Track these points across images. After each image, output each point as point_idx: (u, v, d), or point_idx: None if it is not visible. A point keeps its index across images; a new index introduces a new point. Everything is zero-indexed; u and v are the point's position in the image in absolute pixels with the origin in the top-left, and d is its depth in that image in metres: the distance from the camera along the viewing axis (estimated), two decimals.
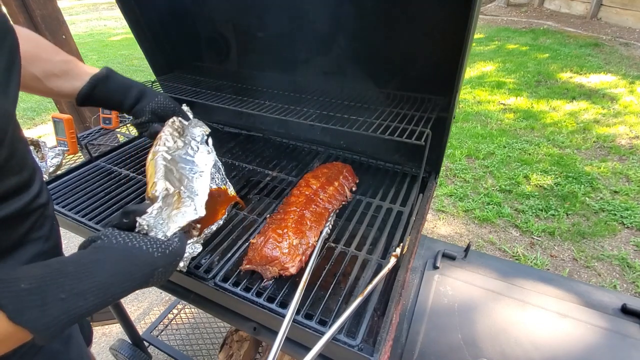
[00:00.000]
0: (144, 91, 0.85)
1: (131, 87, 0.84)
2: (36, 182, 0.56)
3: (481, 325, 0.91)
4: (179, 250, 0.57)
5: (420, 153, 0.88)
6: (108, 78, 0.80)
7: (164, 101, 0.86)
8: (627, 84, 4.32)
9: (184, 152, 0.79)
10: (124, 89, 0.83)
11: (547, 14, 7.77)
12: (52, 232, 0.61)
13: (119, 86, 0.82)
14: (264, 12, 1.10)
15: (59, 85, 0.75)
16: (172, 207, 0.66)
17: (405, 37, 0.96)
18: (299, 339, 0.69)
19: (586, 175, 2.84)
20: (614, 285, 2.02)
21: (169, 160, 0.73)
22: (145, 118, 0.85)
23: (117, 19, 10.29)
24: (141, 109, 0.84)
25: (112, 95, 0.82)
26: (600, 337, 0.86)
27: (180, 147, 0.80)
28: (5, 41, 0.46)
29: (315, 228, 0.82)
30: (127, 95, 0.83)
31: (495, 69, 5.17)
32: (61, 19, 2.06)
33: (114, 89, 0.81)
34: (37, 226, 0.57)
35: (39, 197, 0.56)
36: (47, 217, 0.59)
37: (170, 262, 0.55)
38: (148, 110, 0.84)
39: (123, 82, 0.83)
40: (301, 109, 1.01)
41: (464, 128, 3.69)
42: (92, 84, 0.77)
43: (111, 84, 0.81)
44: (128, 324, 1.47)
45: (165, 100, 0.86)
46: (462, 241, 2.38)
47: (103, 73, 0.79)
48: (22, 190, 0.53)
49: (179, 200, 0.68)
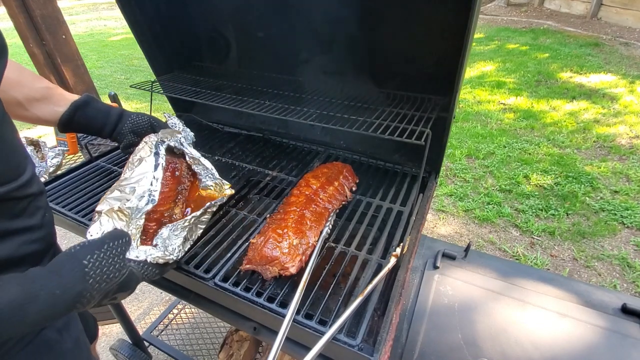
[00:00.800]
0: (122, 114, 0.89)
1: (110, 112, 0.88)
2: (27, 172, 0.57)
3: (481, 325, 0.91)
4: (104, 237, 0.54)
5: (420, 153, 0.88)
6: (88, 104, 0.84)
7: (137, 119, 0.90)
8: (627, 83, 4.32)
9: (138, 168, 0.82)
10: (104, 114, 0.87)
11: (547, 13, 7.77)
12: (44, 221, 0.62)
13: (98, 111, 0.86)
14: (264, 12, 1.10)
15: (41, 110, 0.78)
16: (119, 220, 0.70)
17: (405, 37, 0.96)
18: (299, 339, 0.69)
19: (586, 175, 2.84)
20: (614, 285, 2.02)
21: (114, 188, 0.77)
22: (126, 140, 0.89)
23: (117, 19, 10.28)
24: (120, 131, 0.88)
25: (93, 121, 0.85)
26: (600, 337, 0.86)
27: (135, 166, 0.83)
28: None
29: (315, 228, 0.82)
30: (107, 121, 0.87)
31: (495, 68, 5.17)
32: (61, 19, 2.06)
33: (94, 115, 0.85)
34: (27, 214, 0.57)
35: (29, 187, 0.57)
36: (38, 208, 0.60)
37: (96, 248, 0.51)
38: (127, 130, 0.89)
39: (102, 108, 0.87)
40: (301, 109, 1.01)
41: (464, 128, 3.69)
42: (72, 109, 0.81)
43: (91, 109, 0.85)
44: (128, 324, 1.47)
45: (138, 117, 0.91)
46: (462, 241, 2.38)
47: (83, 99, 0.83)
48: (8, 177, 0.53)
49: (121, 213, 0.72)
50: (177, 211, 0.84)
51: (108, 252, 0.52)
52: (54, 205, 0.96)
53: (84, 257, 0.49)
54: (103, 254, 0.51)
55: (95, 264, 0.49)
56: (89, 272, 0.49)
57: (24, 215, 0.57)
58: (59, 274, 0.46)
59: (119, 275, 0.53)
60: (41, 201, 0.61)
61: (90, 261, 0.49)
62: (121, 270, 0.53)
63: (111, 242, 0.53)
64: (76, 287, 0.47)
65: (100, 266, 0.50)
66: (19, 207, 0.56)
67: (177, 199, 0.86)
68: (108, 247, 0.52)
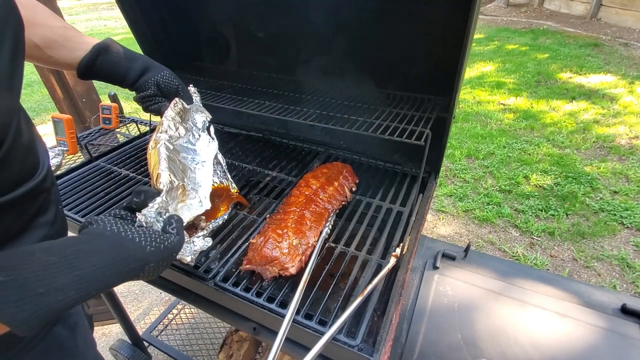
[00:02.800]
0: (149, 64, 0.82)
1: (136, 59, 0.80)
2: (44, 166, 0.56)
3: (481, 325, 0.91)
4: (175, 246, 0.55)
5: (420, 153, 0.88)
6: (111, 48, 0.76)
7: (169, 76, 0.83)
8: (627, 84, 4.32)
9: (186, 139, 0.79)
10: (128, 60, 0.79)
11: (546, 14, 7.78)
12: (57, 217, 0.60)
13: (122, 57, 0.78)
14: (264, 12, 1.10)
15: (59, 53, 0.71)
16: (177, 201, 0.66)
17: (405, 37, 0.96)
18: (299, 339, 0.69)
19: (586, 176, 2.84)
20: (613, 285, 2.02)
21: (172, 150, 0.73)
22: (149, 91, 0.81)
23: (117, 19, 10.28)
24: (145, 81, 0.81)
25: (115, 67, 0.77)
26: (600, 337, 0.86)
27: (182, 135, 0.80)
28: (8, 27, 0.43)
29: (315, 228, 0.82)
30: (131, 67, 0.79)
31: (495, 69, 5.17)
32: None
33: (117, 60, 0.77)
34: (43, 210, 0.56)
35: (45, 182, 0.56)
36: (51, 202, 0.59)
37: (163, 257, 0.52)
38: (152, 83, 0.81)
39: (127, 53, 0.79)
40: (301, 109, 1.01)
41: (464, 128, 3.69)
42: (94, 53, 0.73)
43: (114, 54, 0.77)
44: (128, 324, 1.47)
45: (171, 76, 0.84)
46: (462, 241, 2.38)
47: (106, 42, 0.76)
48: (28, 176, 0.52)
49: (183, 193, 0.67)
50: None
51: (167, 262, 0.54)
52: None
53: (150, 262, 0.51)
54: (163, 264, 0.53)
55: (151, 271, 0.52)
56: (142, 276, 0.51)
57: (40, 211, 0.56)
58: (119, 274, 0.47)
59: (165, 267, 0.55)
60: (54, 194, 0.60)
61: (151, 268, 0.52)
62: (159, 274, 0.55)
63: (175, 255, 0.56)
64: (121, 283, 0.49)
65: (153, 273, 0.52)
66: (37, 203, 0.55)
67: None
68: (172, 258, 0.55)
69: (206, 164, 0.76)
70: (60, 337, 0.64)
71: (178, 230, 0.57)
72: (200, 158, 0.77)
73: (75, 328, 0.68)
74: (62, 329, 0.65)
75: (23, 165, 0.50)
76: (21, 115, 0.49)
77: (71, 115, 1.46)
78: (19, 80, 0.46)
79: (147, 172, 1.10)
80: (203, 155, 0.78)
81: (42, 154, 0.57)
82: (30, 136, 0.52)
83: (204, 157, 0.78)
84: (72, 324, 0.68)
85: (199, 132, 0.82)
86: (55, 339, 0.63)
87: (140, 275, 0.50)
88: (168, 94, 0.84)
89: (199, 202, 0.68)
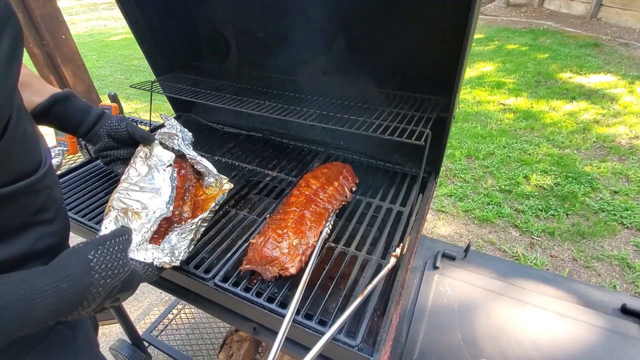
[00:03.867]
0: (101, 115, 0.85)
1: (90, 112, 0.83)
2: (46, 163, 0.57)
3: (481, 325, 0.91)
4: (106, 235, 0.55)
5: (420, 153, 0.88)
6: (68, 99, 0.80)
7: (115, 122, 0.86)
8: (627, 84, 4.32)
9: (148, 177, 0.82)
10: (83, 113, 0.82)
11: (546, 14, 7.77)
12: (58, 216, 0.61)
13: (77, 109, 0.82)
14: (264, 12, 1.10)
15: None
16: (129, 221, 0.71)
17: (405, 37, 0.96)
18: (299, 339, 0.69)
19: (586, 176, 2.84)
20: (613, 285, 2.02)
21: (126, 193, 0.77)
22: (102, 143, 0.85)
23: (117, 19, 10.28)
24: (96, 132, 0.84)
25: (70, 117, 0.81)
26: (600, 337, 0.86)
27: (143, 174, 0.83)
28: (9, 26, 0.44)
29: (315, 228, 0.82)
30: (85, 120, 0.83)
31: (495, 69, 5.17)
32: (61, 19, 2.06)
33: (73, 111, 0.81)
34: (44, 208, 0.57)
35: (46, 178, 0.56)
36: (52, 200, 0.59)
37: (99, 244, 0.52)
38: (103, 134, 0.85)
39: (82, 106, 0.83)
40: (301, 109, 1.01)
41: (464, 128, 3.69)
42: (51, 102, 0.76)
43: (70, 105, 0.80)
44: (128, 324, 1.47)
45: (117, 121, 0.86)
46: (462, 241, 2.38)
47: (64, 93, 0.79)
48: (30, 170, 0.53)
49: (135, 214, 0.72)
50: (186, 209, 0.85)
51: (111, 247, 0.53)
52: None
53: (88, 252, 0.50)
54: (107, 250, 0.52)
55: (100, 259, 0.50)
56: (94, 266, 0.49)
57: (42, 208, 0.56)
58: (64, 269, 0.47)
59: (122, 271, 0.54)
60: (56, 192, 0.61)
61: (95, 256, 0.50)
62: (124, 267, 0.54)
63: (113, 239, 0.55)
64: (83, 281, 0.47)
65: (105, 261, 0.51)
66: (39, 199, 0.55)
67: (185, 196, 0.87)
68: (111, 243, 0.54)
69: (162, 189, 0.79)
70: (63, 335, 0.65)
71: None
72: (157, 185, 0.81)
73: (76, 327, 0.69)
74: (65, 327, 0.65)
75: (24, 159, 0.51)
76: (22, 111, 0.50)
77: None
78: (16, 71, 0.46)
79: None
80: (159, 182, 0.81)
81: (45, 151, 0.58)
82: (32, 132, 0.53)
83: (159, 184, 0.81)
84: (74, 323, 0.68)
85: (164, 167, 0.85)
86: (57, 337, 0.63)
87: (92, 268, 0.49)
88: (121, 140, 0.86)
89: (154, 212, 0.73)
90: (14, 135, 0.46)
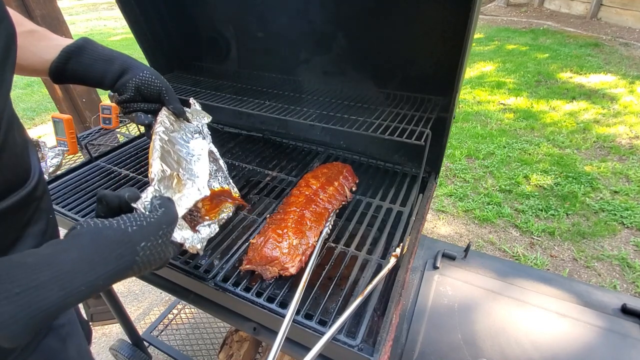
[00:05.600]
0: (128, 64, 0.73)
1: (113, 60, 0.72)
2: (35, 174, 0.54)
3: (481, 325, 0.91)
4: (161, 218, 0.49)
5: (420, 153, 0.88)
6: (83, 50, 0.69)
7: (149, 77, 0.74)
8: (627, 84, 4.32)
9: (180, 134, 0.77)
10: (105, 62, 0.71)
11: (547, 14, 7.77)
12: (49, 227, 0.58)
13: (97, 58, 0.70)
14: (264, 12, 1.10)
15: (27, 59, 0.65)
16: (173, 191, 0.64)
17: (405, 37, 0.96)
18: (299, 339, 0.69)
19: (586, 175, 2.84)
20: (614, 285, 2.02)
21: (166, 141, 0.70)
22: (127, 95, 0.73)
23: (117, 19, 10.28)
24: (123, 84, 0.73)
25: (90, 70, 0.70)
26: (600, 337, 0.86)
27: (176, 129, 0.77)
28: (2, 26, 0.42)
29: (315, 228, 0.82)
30: (109, 70, 0.71)
31: (495, 69, 5.17)
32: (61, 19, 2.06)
33: (91, 62, 0.70)
34: (34, 220, 0.54)
35: (36, 190, 0.53)
36: (42, 211, 0.56)
37: (152, 233, 0.47)
38: (131, 86, 0.73)
39: (103, 54, 0.71)
40: (301, 109, 1.01)
41: (464, 128, 3.69)
42: (64, 56, 0.66)
43: (87, 56, 0.69)
44: (128, 324, 1.47)
45: (151, 77, 0.74)
46: (462, 241, 2.38)
47: (78, 44, 0.68)
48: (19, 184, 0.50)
49: (179, 183, 0.65)
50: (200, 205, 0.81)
51: (161, 239, 0.48)
52: (54, 205, 0.96)
53: (139, 242, 0.45)
54: (157, 242, 0.47)
55: (146, 252, 0.46)
56: (138, 261, 0.45)
57: (31, 221, 0.54)
58: (106, 263, 0.42)
59: (161, 262, 0.50)
60: (46, 203, 0.58)
61: (144, 248, 0.45)
62: (163, 259, 0.50)
63: (167, 228, 0.49)
64: (121, 276, 0.44)
65: (150, 254, 0.46)
66: (28, 213, 0.53)
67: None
68: (163, 232, 0.48)
69: (202, 157, 0.75)
70: (51, 349, 0.60)
71: (163, 204, 0.51)
72: (196, 152, 0.77)
73: (67, 339, 0.64)
74: (54, 340, 0.61)
75: (14, 171, 0.48)
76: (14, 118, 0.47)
77: (71, 115, 1.46)
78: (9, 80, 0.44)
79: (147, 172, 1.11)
80: (197, 150, 0.77)
81: (34, 161, 0.54)
82: (22, 142, 0.50)
83: (198, 152, 0.77)
84: (64, 335, 0.64)
85: (192, 133, 0.82)
86: (47, 351, 0.59)
87: (135, 262, 0.45)
88: (149, 97, 0.75)
89: (197, 191, 0.66)
90: (4, 146, 0.44)
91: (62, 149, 1.37)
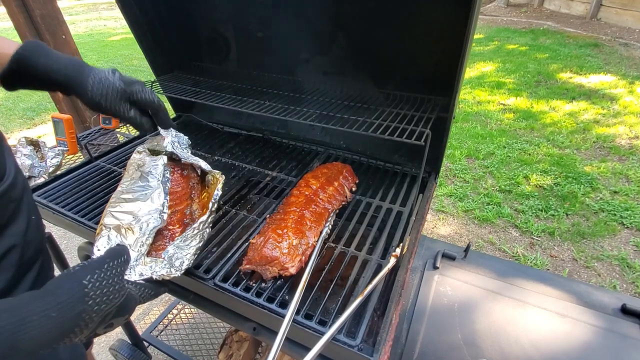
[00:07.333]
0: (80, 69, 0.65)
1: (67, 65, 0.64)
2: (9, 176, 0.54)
3: (481, 325, 0.91)
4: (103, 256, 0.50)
5: (420, 153, 0.88)
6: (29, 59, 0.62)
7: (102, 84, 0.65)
8: (627, 84, 4.32)
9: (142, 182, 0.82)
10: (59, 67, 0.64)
11: (546, 14, 7.77)
12: (30, 228, 0.58)
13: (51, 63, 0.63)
14: (264, 12, 1.10)
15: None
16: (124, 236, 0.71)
17: (405, 37, 0.96)
18: (299, 339, 0.69)
19: (586, 176, 2.84)
20: (613, 285, 2.02)
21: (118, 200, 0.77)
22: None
23: (117, 19, 10.28)
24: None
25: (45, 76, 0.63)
26: (600, 337, 0.86)
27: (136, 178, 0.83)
28: None
29: (315, 228, 0.82)
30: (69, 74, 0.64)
31: (495, 69, 5.17)
32: (61, 19, 2.06)
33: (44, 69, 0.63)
34: (11, 220, 0.54)
35: (12, 191, 0.53)
36: (21, 212, 0.56)
37: (96, 267, 0.47)
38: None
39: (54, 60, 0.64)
40: (301, 109, 1.01)
41: (464, 128, 3.69)
42: (13, 64, 0.61)
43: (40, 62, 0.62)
44: (127, 324, 1.47)
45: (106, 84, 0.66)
46: (462, 241, 2.38)
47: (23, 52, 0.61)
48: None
49: (129, 229, 0.71)
50: (195, 207, 0.85)
51: (109, 271, 0.48)
52: (54, 205, 0.96)
53: (83, 277, 0.45)
54: (104, 274, 0.47)
55: (95, 284, 0.45)
56: (88, 292, 0.44)
57: (9, 221, 0.54)
58: (55, 295, 0.42)
59: (118, 296, 0.49)
60: (26, 204, 0.58)
61: (91, 281, 0.45)
62: (120, 292, 0.50)
63: (111, 262, 0.50)
64: (76, 308, 0.43)
65: (100, 286, 0.46)
66: (7, 212, 0.53)
67: (192, 194, 0.87)
68: (108, 266, 0.49)
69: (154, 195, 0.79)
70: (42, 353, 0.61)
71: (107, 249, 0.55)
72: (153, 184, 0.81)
73: None
74: None
75: None
76: None
77: (71, 115, 1.46)
78: None
79: None
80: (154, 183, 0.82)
81: (10, 162, 0.54)
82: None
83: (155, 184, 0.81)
84: None
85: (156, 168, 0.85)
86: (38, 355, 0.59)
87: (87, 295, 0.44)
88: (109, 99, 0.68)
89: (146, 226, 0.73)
90: None
91: (62, 149, 1.37)
